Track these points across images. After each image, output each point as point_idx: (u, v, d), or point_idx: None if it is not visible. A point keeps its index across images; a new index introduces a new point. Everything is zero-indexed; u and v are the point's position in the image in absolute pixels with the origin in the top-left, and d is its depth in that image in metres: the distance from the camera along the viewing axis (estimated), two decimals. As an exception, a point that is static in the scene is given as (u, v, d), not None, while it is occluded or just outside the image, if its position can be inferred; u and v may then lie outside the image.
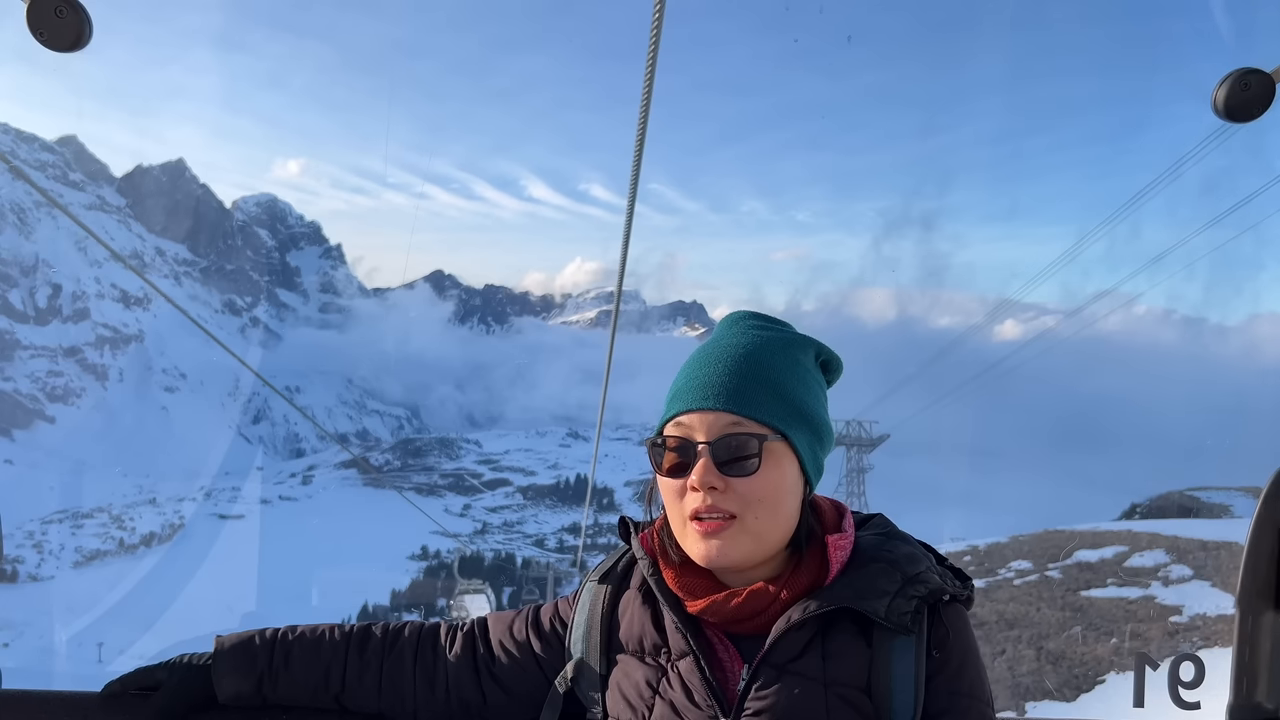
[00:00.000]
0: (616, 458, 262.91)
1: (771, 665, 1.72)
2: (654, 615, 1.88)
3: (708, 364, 1.76)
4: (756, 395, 1.72)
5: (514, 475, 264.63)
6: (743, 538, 1.70)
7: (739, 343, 1.78)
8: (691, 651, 1.78)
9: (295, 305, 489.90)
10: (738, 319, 1.87)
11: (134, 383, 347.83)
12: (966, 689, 1.73)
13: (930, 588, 1.74)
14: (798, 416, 1.75)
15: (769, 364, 1.75)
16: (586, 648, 1.95)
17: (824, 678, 1.69)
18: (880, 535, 1.87)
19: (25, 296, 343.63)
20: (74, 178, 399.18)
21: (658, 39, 4.01)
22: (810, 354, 1.84)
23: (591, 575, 2.05)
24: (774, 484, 1.71)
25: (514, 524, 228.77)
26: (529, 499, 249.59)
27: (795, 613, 1.72)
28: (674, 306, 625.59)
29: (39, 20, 2.08)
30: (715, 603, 1.76)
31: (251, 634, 2.12)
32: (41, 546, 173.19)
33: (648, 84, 4.32)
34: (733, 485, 1.69)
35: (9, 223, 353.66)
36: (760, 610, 1.75)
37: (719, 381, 1.73)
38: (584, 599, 2.02)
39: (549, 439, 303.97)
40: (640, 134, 4.73)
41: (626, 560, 2.02)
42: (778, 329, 1.84)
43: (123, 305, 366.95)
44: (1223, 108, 2.19)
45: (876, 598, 1.71)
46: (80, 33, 2.10)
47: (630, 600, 1.94)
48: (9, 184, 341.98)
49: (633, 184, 5.50)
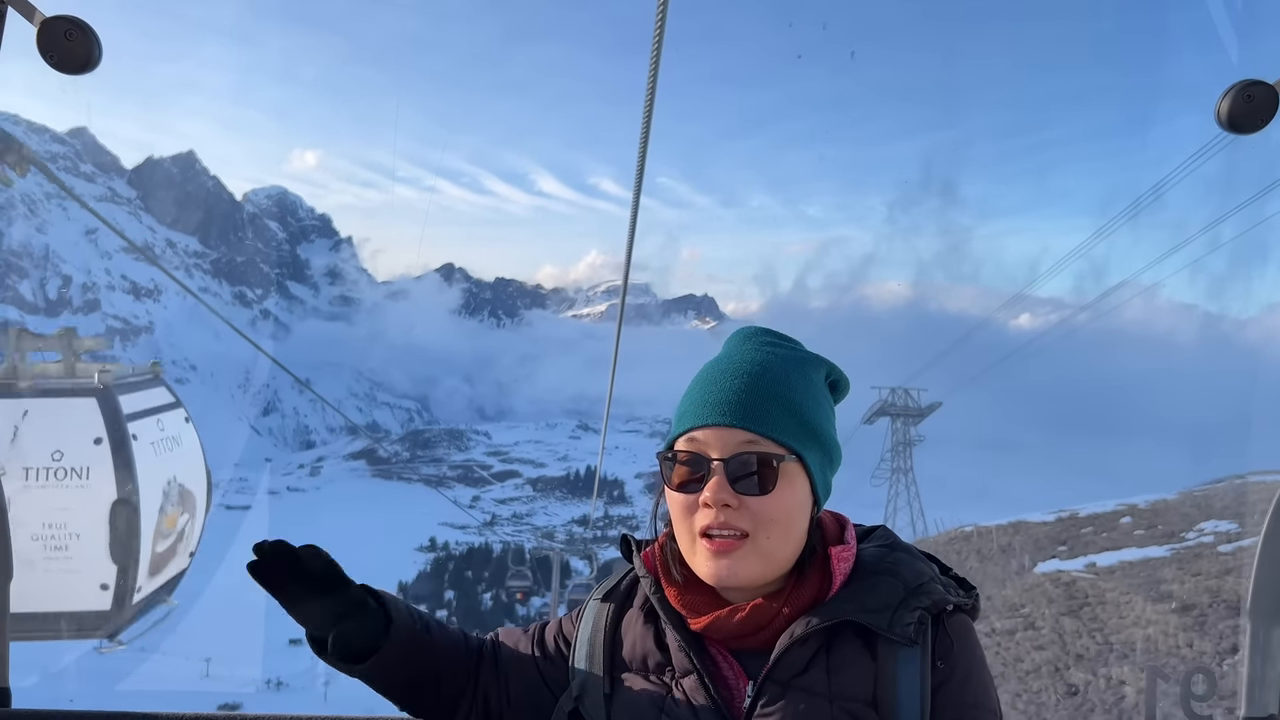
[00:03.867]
0: (627, 450, 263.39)
1: (776, 681, 1.71)
2: (656, 633, 1.88)
3: (722, 380, 1.76)
4: (772, 414, 1.71)
5: (523, 467, 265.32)
6: (753, 557, 1.70)
7: (753, 359, 1.78)
8: (696, 669, 1.77)
9: (305, 298, 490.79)
10: (749, 335, 1.87)
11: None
12: (972, 700, 1.72)
13: (934, 598, 1.73)
14: (811, 437, 1.75)
15: (784, 382, 1.75)
16: (590, 666, 1.95)
17: (829, 692, 1.69)
18: (883, 547, 1.87)
19: (36, 288, 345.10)
20: (85, 169, 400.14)
21: (661, 31, 4.03)
22: (821, 373, 1.84)
23: (594, 594, 2.05)
24: (787, 504, 1.71)
25: (523, 516, 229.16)
26: (538, 491, 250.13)
27: (799, 627, 1.71)
28: (685, 300, 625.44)
29: (49, 44, 2.14)
30: (718, 619, 1.76)
31: (405, 605, 2.03)
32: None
33: (652, 77, 4.33)
34: (746, 504, 1.68)
35: (19, 214, 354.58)
36: (764, 625, 1.74)
37: (734, 398, 1.72)
38: (587, 617, 2.01)
39: (559, 431, 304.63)
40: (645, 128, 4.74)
41: (630, 579, 2.02)
42: (790, 347, 1.85)
43: (133, 297, 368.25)
44: (1226, 119, 2.20)
45: (880, 610, 1.71)
46: (90, 55, 2.16)
47: (633, 619, 1.94)
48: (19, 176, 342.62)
49: (638, 177, 5.51)
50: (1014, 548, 26.74)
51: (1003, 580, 24.25)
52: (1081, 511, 28.67)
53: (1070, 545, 25.38)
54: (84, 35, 2.14)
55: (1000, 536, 28.56)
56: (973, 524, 31.81)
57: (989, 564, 26.90)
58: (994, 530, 29.78)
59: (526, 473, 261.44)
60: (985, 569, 26.46)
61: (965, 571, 28.21)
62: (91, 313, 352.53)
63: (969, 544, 29.60)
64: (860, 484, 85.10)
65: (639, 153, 4.99)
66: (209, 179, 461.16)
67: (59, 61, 2.15)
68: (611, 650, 1.94)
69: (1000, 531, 29.35)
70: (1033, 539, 26.96)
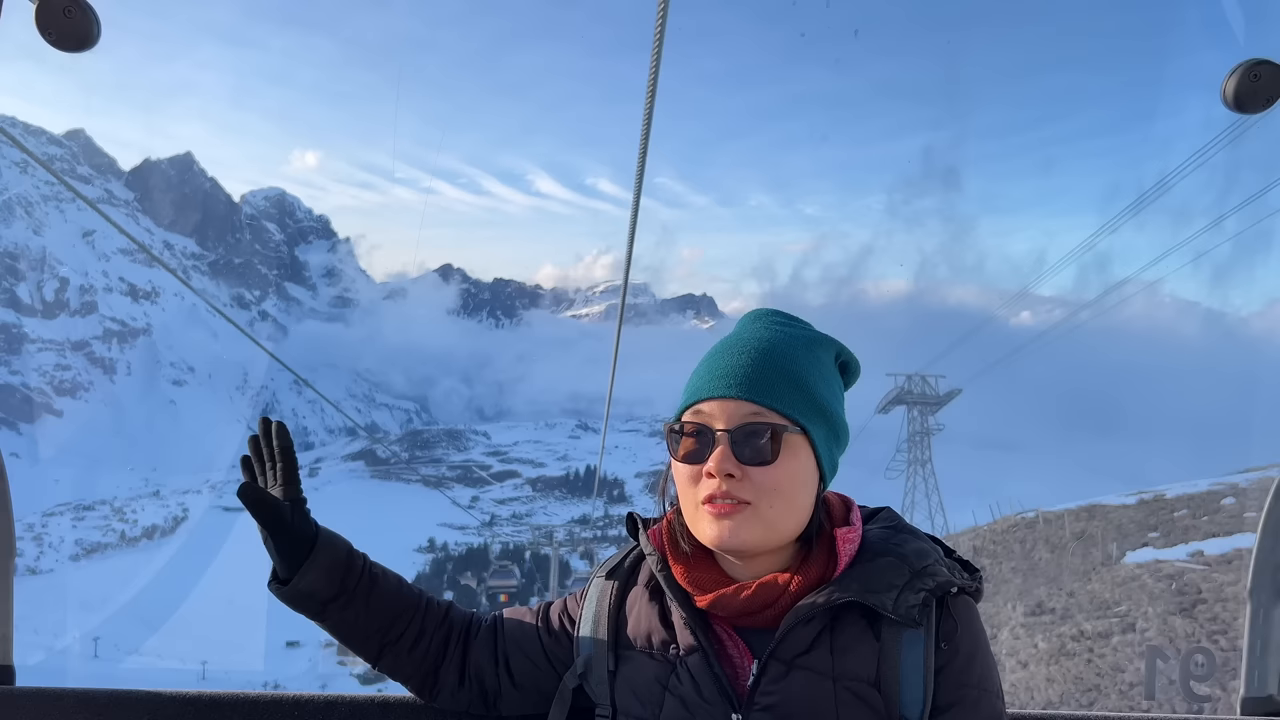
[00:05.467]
0: (627, 449, 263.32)
1: (780, 660, 1.72)
2: (661, 611, 1.89)
3: (730, 355, 1.78)
4: (777, 387, 1.72)
5: (523, 467, 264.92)
6: (755, 522, 1.70)
7: (762, 336, 1.80)
8: (700, 647, 1.78)
9: (304, 299, 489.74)
10: (760, 315, 1.89)
11: (142, 376, 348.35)
12: (976, 681, 1.73)
13: (938, 580, 1.74)
14: (817, 411, 1.75)
15: (791, 358, 1.76)
16: (595, 644, 1.96)
17: (833, 672, 1.70)
18: (887, 529, 1.88)
19: (33, 290, 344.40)
20: (82, 171, 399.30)
21: (662, 32, 4.01)
22: (831, 353, 1.86)
23: (598, 571, 2.06)
24: (790, 475, 1.72)
25: (523, 516, 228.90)
26: (538, 491, 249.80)
27: (803, 607, 1.72)
28: (684, 299, 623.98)
29: (47, 20, 2.09)
30: (724, 596, 1.76)
31: (349, 545, 2.10)
32: (41, 539, 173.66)
33: (652, 77, 4.32)
34: (749, 474, 1.70)
35: (16, 216, 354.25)
36: (769, 603, 1.75)
37: (740, 371, 1.74)
38: (591, 595, 2.03)
39: (558, 431, 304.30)
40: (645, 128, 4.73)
41: (634, 557, 2.03)
42: (800, 326, 1.86)
43: (130, 299, 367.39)
44: (1232, 99, 2.20)
45: (884, 591, 1.72)
46: (88, 32, 2.11)
47: (637, 596, 1.95)
48: (16, 178, 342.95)
49: (638, 178, 5.50)
50: (1092, 535, 24.29)
51: (1085, 573, 22.14)
52: (1169, 492, 25.81)
53: (1164, 532, 22.79)
54: (83, 12, 2.09)
55: (1073, 523, 25.92)
56: (1035, 509, 28.85)
57: (1062, 554, 24.44)
58: (1064, 515, 26.92)
59: (526, 473, 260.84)
60: (1059, 560, 24.15)
61: (1035, 563, 25.26)
62: (89, 315, 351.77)
63: (1033, 532, 26.86)
64: (874, 478, 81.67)
65: (639, 151, 4.98)
66: (206, 180, 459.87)
67: (58, 39, 2.10)
68: (616, 628, 1.95)
69: (1072, 517, 26.69)
70: (1114, 524, 24.53)
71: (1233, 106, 2.20)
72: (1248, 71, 2.17)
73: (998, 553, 27.74)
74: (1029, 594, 23.29)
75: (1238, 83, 2.18)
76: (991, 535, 28.97)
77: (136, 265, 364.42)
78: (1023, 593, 23.68)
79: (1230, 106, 2.21)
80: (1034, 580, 24.53)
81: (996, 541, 28.31)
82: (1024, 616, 21.60)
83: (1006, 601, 23.23)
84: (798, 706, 1.69)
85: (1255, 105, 2.19)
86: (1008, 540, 27.60)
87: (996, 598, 23.91)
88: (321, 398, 44.43)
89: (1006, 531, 28.23)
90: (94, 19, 2.11)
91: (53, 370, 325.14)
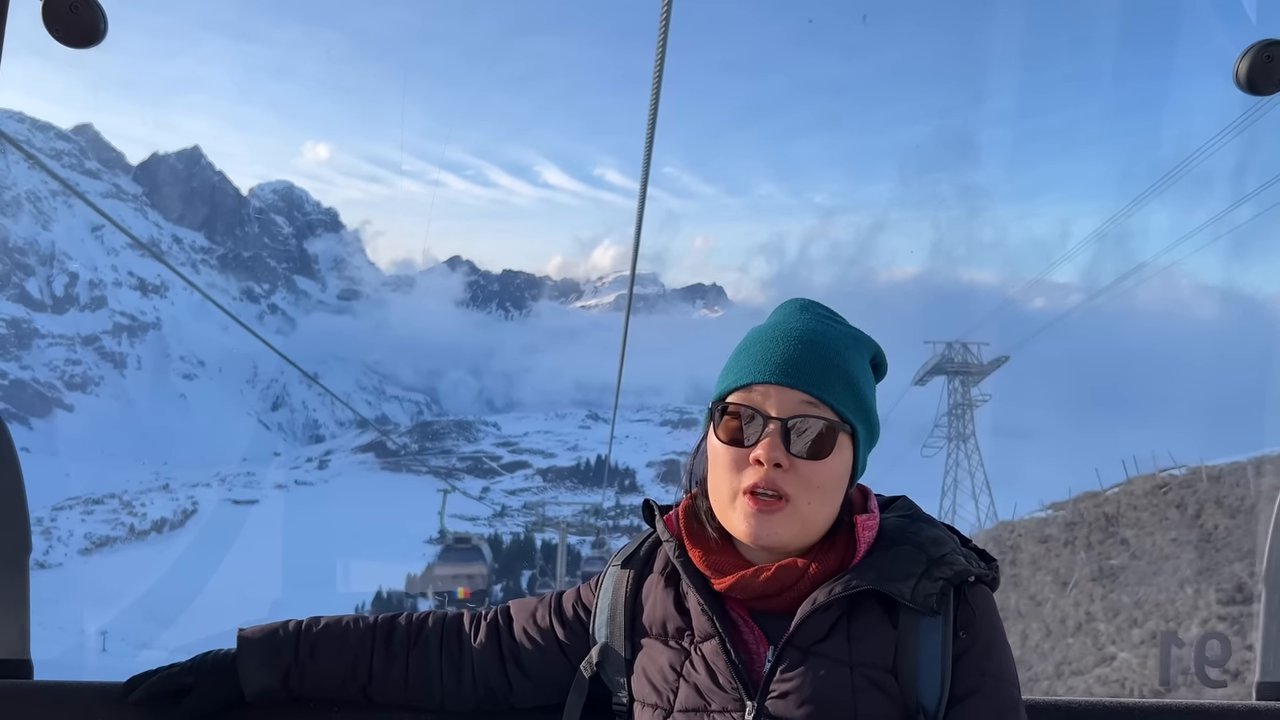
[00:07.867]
0: (638, 439, 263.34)
1: (797, 647, 1.71)
2: (677, 598, 1.87)
3: (783, 342, 1.75)
4: (834, 382, 1.71)
5: (533, 457, 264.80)
6: (793, 520, 1.70)
7: (811, 328, 1.77)
8: (717, 633, 1.77)
9: (313, 292, 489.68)
10: (805, 305, 1.86)
11: (152, 370, 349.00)
12: (993, 669, 1.73)
13: (955, 569, 1.74)
14: (863, 410, 1.76)
15: (842, 354, 1.75)
16: (610, 633, 1.95)
17: (850, 659, 1.69)
18: (904, 517, 1.87)
19: (42, 285, 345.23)
20: (90, 166, 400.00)
21: (667, 20, 3.99)
22: (869, 354, 1.85)
23: (614, 560, 2.04)
24: (834, 473, 1.72)
25: (534, 506, 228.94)
26: (549, 481, 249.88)
27: (821, 594, 1.71)
28: (693, 289, 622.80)
29: (54, 16, 2.08)
30: (743, 579, 1.75)
31: (275, 626, 2.12)
32: (50, 533, 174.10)
33: (658, 67, 4.30)
34: (797, 466, 1.68)
35: (25, 211, 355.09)
36: (788, 586, 1.74)
37: (796, 360, 1.71)
38: (606, 584, 2.01)
39: (568, 421, 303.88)
40: (651, 118, 4.71)
41: (649, 544, 2.01)
42: (842, 322, 1.85)
43: (140, 293, 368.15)
44: (1245, 80, 2.19)
45: (902, 580, 1.71)
46: (95, 28, 2.11)
47: (653, 584, 1.93)
48: (25, 173, 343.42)
49: (645, 167, 5.49)
50: (1273, 497, 20.58)
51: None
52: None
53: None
54: (89, 8, 2.08)
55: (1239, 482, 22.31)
56: (1184, 465, 24.76)
57: (1242, 519, 21.02)
58: (1223, 472, 23.23)
59: (536, 463, 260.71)
60: (1238, 525, 20.86)
61: (1207, 534, 21.69)
62: (99, 309, 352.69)
63: (1192, 492, 23.00)
64: (909, 454, 73.06)
65: (646, 141, 4.97)
66: (214, 174, 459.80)
67: (64, 35, 2.10)
68: (632, 616, 1.94)
69: (1233, 472, 23.00)
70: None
71: (1246, 88, 2.20)
72: (1261, 52, 2.16)
73: (1142, 520, 23.40)
74: (1215, 571, 19.85)
75: (1250, 64, 2.17)
76: (1134, 499, 24.44)
77: (145, 260, 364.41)
78: (1202, 571, 20.08)
79: (1243, 87, 2.20)
80: (1217, 553, 20.56)
81: (1139, 506, 24.14)
82: (1219, 606, 18.53)
83: (1183, 585, 19.94)
84: (814, 694, 1.67)
85: (1268, 87, 2.18)
86: (1153, 503, 23.83)
87: (1161, 577, 20.71)
88: (329, 393, 44.28)
89: (1146, 496, 24.35)
90: (100, 15, 2.11)
91: (63, 365, 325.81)
